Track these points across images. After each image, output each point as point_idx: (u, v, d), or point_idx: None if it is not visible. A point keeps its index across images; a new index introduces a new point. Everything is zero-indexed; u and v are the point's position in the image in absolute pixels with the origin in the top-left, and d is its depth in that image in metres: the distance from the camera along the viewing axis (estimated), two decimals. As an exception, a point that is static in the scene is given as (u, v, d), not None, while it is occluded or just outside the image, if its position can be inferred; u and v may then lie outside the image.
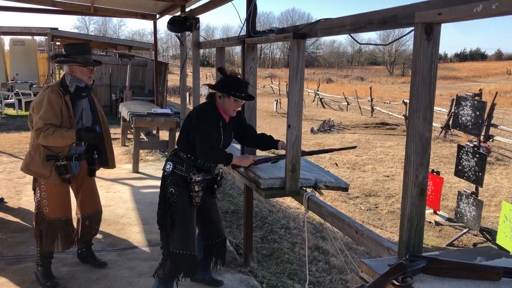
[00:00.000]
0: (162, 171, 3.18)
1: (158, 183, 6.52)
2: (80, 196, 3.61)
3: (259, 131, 3.44)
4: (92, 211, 3.67)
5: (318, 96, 25.55)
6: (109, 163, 3.69)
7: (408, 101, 13.22)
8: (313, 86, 30.47)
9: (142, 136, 7.59)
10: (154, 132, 8.27)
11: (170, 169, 3.05)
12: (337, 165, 9.62)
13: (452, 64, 67.76)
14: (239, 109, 3.19)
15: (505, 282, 1.58)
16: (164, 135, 8.86)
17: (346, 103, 22.73)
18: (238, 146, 3.88)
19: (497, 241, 6.13)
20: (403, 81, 50.94)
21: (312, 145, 12.34)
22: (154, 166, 7.22)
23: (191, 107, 5.92)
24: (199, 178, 3.00)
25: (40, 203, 3.37)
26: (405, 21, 1.91)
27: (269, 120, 18.25)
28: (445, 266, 1.59)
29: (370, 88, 22.06)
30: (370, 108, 19.93)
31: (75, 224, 3.62)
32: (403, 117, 14.72)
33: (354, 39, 2.38)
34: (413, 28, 1.79)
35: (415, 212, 1.83)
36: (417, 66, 1.75)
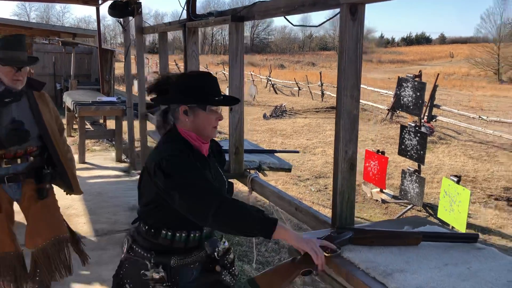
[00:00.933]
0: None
1: (105, 172, 6.47)
2: (28, 226, 2.81)
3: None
4: (47, 242, 2.76)
5: (270, 82, 25.69)
6: (72, 186, 2.95)
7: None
8: (265, 72, 30.59)
9: (88, 125, 7.40)
10: (101, 121, 8.08)
11: (125, 247, 1.88)
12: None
13: (399, 48, 69.82)
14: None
15: (424, 246, 1.69)
16: (111, 124, 8.68)
17: (298, 89, 23.00)
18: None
19: (438, 215, 6.45)
20: (353, 66, 51.96)
21: (264, 131, 12.45)
22: (102, 156, 7.07)
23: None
24: (159, 275, 1.77)
25: None
26: (333, 2, 1.98)
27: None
28: (371, 235, 1.68)
29: (320, 73, 22.41)
30: (320, 93, 20.26)
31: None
32: (352, 101, 15.08)
33: (288, 20, 2.42)
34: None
35: (346, 186, 1.92)
36: (343, 45, 1.82)
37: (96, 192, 5.35)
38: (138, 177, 6.41)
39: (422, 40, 75.14)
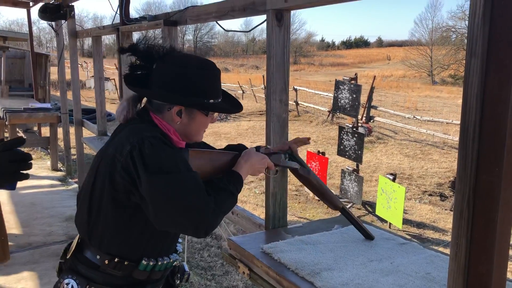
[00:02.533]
0: None
1: (39, 182, 6.20)
2: None
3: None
4: None
5: (214, 86, 25.66)
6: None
7: (298, 87, 13.77)
8: (209, 76, 30.48)
9: (21, 133, 7.05)
10: (35, 128, 7.72)
11: None
12: None
13: (339, 51, 71.86)
14: None
15: (353, 243, 1.75)
16: (46, 131, 8.32)
17: (242, 92, 23.11)
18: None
19: (377, 212, 6.71)
20: (295, 69, 52.98)
21: (209, 134, 12.41)
22: (36, 165, 6.75)
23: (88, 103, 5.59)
24: None
25: None
26: (261, 8, 2.01)
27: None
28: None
29: (263, 77, 22.65)
30: (264, 96, 20.48)
31: None
32: (294, 103, 15.36)
33: (220, 26, 2.43)
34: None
35: (278, 188, 1.95)
36: (271, 51, 1.85)
37: (29, 203, 5.10)
38: (75, 185, 6.13)
39: (360, 43, 77.81)
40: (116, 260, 1.38)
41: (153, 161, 1.25)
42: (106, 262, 1.38)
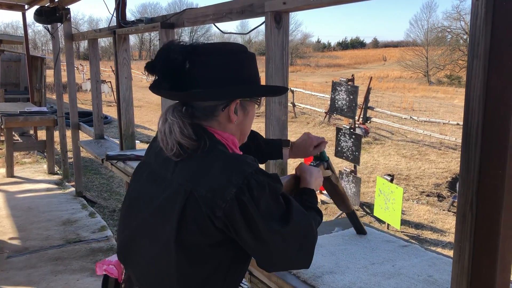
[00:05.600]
0: None
1: (36, 186, 6.16)
2: None
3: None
4: None
5: (210, 87, 25.64)
6: None
7: (294, 89, 13.76)
8: (205, 78, 30.44)
9: (17, 137, 7.02)
10: (31, 132, 7.69)
11: None
12: None
13: (335, 52, 71.95)
14: None
15: (354, 246, 1.74)
16: (42, 134, 8.28)
17: (238, 93, 23.12)
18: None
19: (375, 214, 6.72)
20: (291, 70, 53.05)
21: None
22: (32, 169, 6.72)
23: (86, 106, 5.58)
24: None
25: None
26: (260, 10, 2.00)
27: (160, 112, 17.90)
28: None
29: (259, 78, 22.62)
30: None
31: None
32: (291, 105, 15.37)
33: (218, 28, 2.42)
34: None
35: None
36: (270, 53, 1.84)
37: (26, 207, 5.07)
38: (72, 189, 6.10)
39: (356, 44, 77.95)
40: None
41: (266, 205, 1.06)
42: None
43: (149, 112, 17.01)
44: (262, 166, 1.42)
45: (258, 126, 14.00)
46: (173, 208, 1.10)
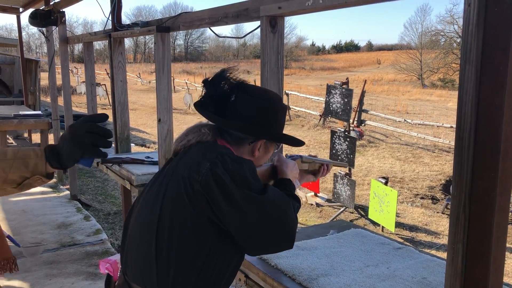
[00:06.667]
0: None
1: (31, 189, 6.08)
2: None
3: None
4: None
5: (205, 90, 25.62)
6: None
7: (289, 92, 13.79)
8: (200, 81, 30.49)
9: (11, 140, 6.99)
10: (26, 135, 7.66)
11: None
12: None
13: (330, 55, 72.21)
14: None
15: (349, 249, 1.75)
16: (36, 137, 8.26)
17: (233, 96, 23.13)
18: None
19: (369, 216, 6.74)
20: (286, 73, 53.09)
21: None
22: (27, 172, 6.69)
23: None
24: None
25: None
26: (255, 15, 2.01)
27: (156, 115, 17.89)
28: None
29: (254, 81, 22.70)
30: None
31: None
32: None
33: (213, 32, 2.44)
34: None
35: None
36: (265, 57, 1.86)
37: (20, 210, 5.05)
38: (66, 192, 6.08)
39: (351, 47, 78.26)
40: None
41: (240, 176, 1.14)
42: None
43: (144, 115, 16.99)
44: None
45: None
46: (159, 194, 1.22)
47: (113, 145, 3.83)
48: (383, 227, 6.40)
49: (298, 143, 1.40)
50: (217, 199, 1.11)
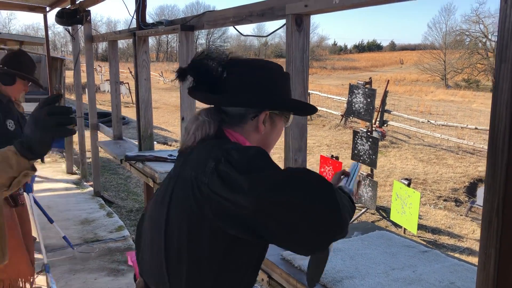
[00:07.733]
0: None
1: (55, 185, 6.24)
2: None
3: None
4: None
5: (226, 89, 25.73)
6: None
7: (311, 91, 13.69)
8: (221, 79, 30.56)
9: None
10: (51, 132, 7.80)
11: None
12: None
13: (352, 55, 71.61)
14: None
15: (374, 252, 1.73)
16: (62, 134, 8.41)
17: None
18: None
19: (391, 218, 6.65)
20: (311, 72, 52.95)
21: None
22: (51, 168, 6.81)
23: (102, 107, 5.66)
24: None
25: None
26: (280, 13, 2.00)
27: (177, 114, 18.03)
28: None
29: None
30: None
31: None
32: (307, 107, 15.32)
33: (238, 30, 2.43)
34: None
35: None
36: (290, 56, 1.84)
37: (45, 205, 5.11)
38: (90, 188, 6.15)
39: (373, 47, 77.46)
40: None
41: (246, 163, 1.00)
42: None
43: (166, 113, 17.13)
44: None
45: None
46: (166, 194, 1.15)
47: (136, 142, 3.86)
48: (405, 229, 6.30)
49: (307, 108, 1.26)
50: (226, 196, 0.97)
